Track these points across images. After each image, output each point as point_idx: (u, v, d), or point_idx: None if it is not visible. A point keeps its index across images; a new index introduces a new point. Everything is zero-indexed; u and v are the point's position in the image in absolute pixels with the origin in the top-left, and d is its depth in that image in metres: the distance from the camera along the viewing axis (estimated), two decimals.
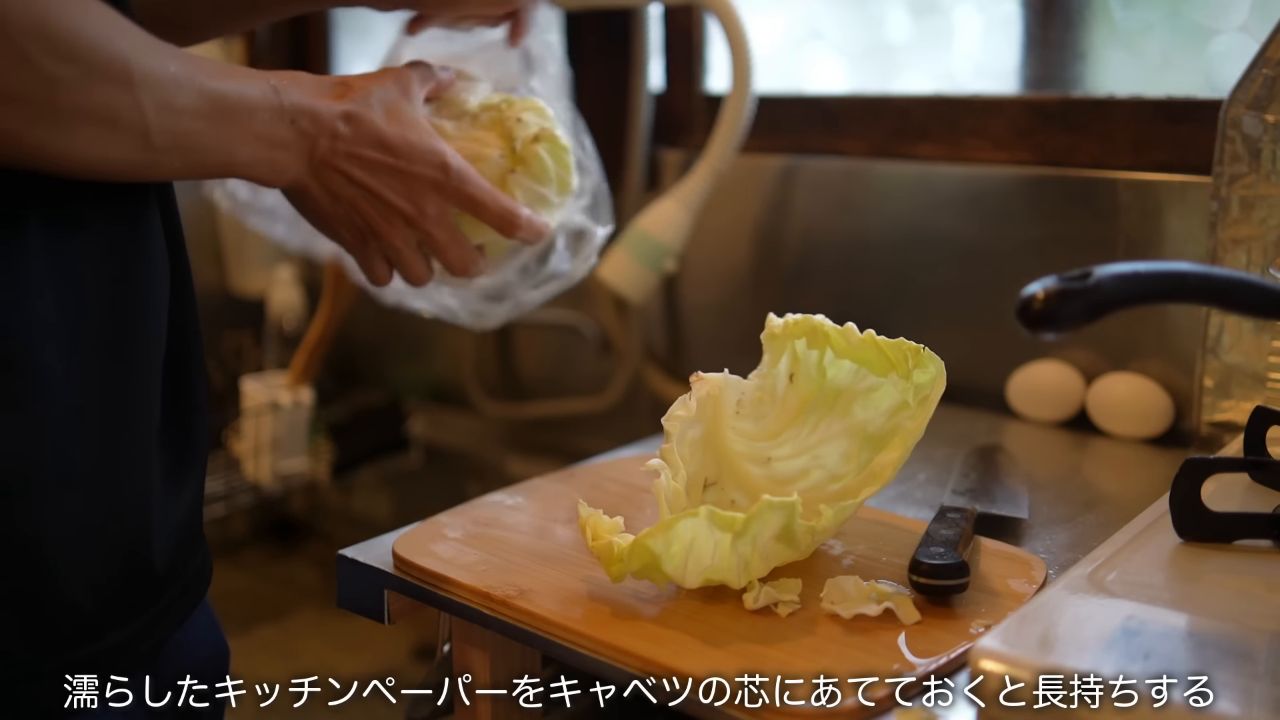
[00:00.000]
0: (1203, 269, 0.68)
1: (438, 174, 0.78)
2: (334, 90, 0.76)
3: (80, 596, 0.67)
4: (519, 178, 0.85)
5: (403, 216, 0.78)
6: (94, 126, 0.63)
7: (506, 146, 0.85)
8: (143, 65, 0.64)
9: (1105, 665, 0.58)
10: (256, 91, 0.71)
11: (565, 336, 1.49)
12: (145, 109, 0.64)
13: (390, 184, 0.77)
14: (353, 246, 0.81)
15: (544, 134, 0.86)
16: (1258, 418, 0.82)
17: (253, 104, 0.70)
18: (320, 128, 0.74)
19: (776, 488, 0.81)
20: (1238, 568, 0.70)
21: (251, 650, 1.42)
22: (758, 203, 1.30)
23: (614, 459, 0.99)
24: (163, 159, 0.67)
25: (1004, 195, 1.15)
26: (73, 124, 0.62)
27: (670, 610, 0.72)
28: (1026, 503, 0.90)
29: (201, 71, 0.67)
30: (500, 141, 0.85)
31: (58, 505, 0.66)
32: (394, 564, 0.81)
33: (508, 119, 0.86)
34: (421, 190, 0.78)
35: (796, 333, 0.82)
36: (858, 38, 1.39)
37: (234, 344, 1.70)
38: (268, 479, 1.45)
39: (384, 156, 0.76)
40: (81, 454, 0.67)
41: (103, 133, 0.63)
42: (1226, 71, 1.10)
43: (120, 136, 0.64)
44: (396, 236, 0.79)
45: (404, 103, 0.79)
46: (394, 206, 0.78)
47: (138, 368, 0.70)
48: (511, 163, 0.85)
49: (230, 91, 0.69)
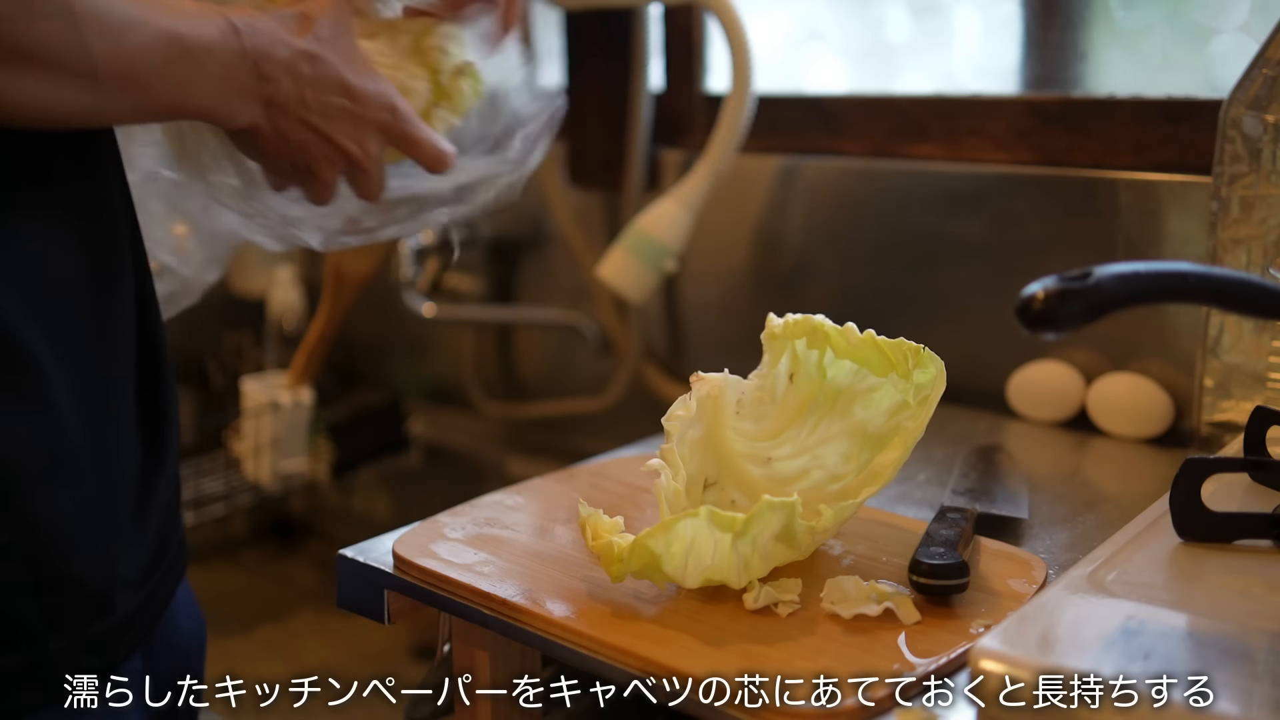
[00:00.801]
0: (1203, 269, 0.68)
1: (386, 116, 0.77)
2: (295, 25, 0.73)
3: (92, 572, 0.68)
4: (442, 112, 0.84)
5: (347, 158, 0.77)
6: (36, 67, 0.60)
7: (432, 79, 0.83)
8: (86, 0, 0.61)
9: (1105, 665, 0.58)
10: (215, 31, 0.67)
11: (565, 336, 1.49)
12: (92, 47, 0.61)
13: (343, 128, 0.75)
14: (281, 175, 0.78)
15: (466, 68, 0.84)
16: (1258, 418, 0.82)
17: (210, 44, 0.67)
18: (282, 70, 0.71)
19: (776, 488, 0.81)
20: (1238, 568, 0.70)
21: (251, 650, 1.42)
22: (758, 203, 1.30)
23: (614, 459, 0.99)
24: (112, 102, 0.64)
25: (1004, 195, 1.15)
26: (13, 64, 0.60)
27: (670, 610, 0.72)
28: (1026, 503, 0.90)
29: (154, 8, 0.64)
30: (425, 73, 0.83)
31: (65, 484, 0.66)
32: (394, 564, 0.81)
33: (430, 49, 0.84)
34: (369, 132, 0.77)
35: (796, 333, 0.82)
36: (858, 38, 1.39)
37: (234, 344, 1.70)
38: (268, 479, 1.45)
39: (342, 101, 0.75)
40: (82, 432, 0.67)
41: (47, 74, 0.61)
42: (1226, 71, 1.10)
43: (65, 78, 0.61)
44: (332, 173, 0.78)
45: (352, 36, 0.77)
46: (341, 149, 0.76)
47: (116, 342, 0.71)
48: (436, 97, 0.83)
49: (186, 31, 0.66)
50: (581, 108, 1.41)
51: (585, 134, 1.41)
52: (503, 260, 1.54)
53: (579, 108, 1.41)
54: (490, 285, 1.53)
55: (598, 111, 1.39)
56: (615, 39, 1.35)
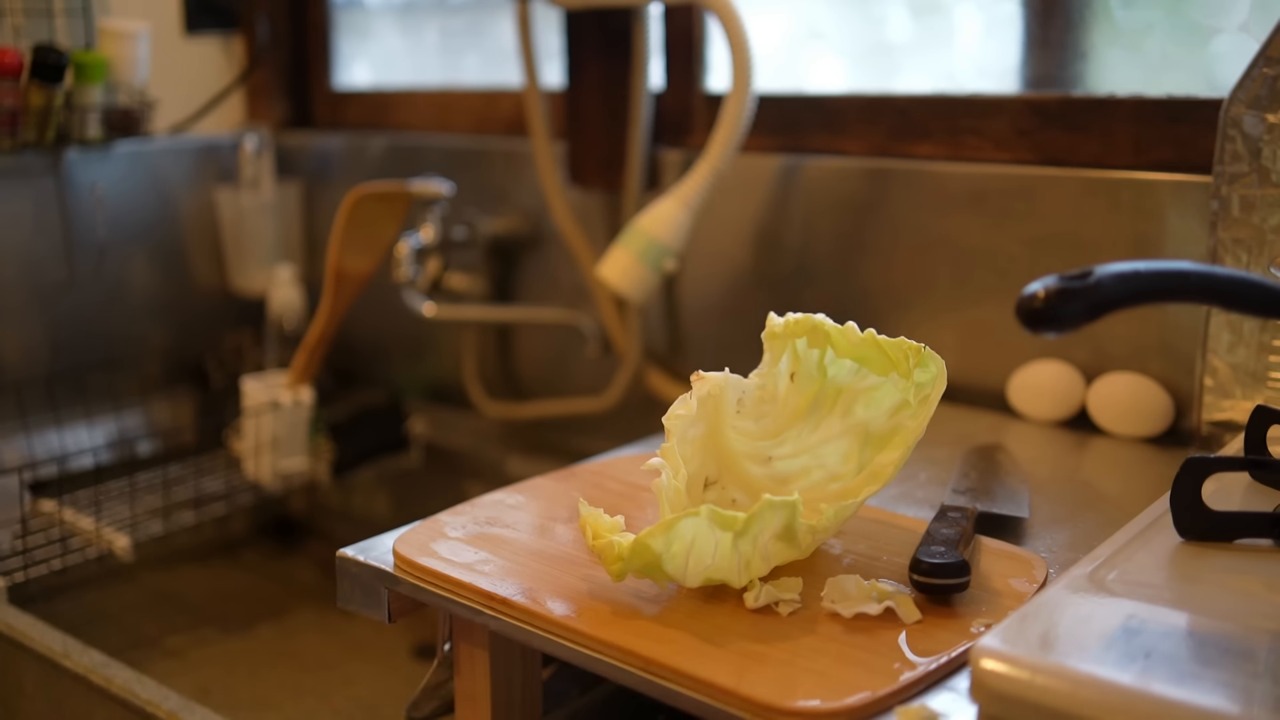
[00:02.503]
0: (1203, 268, 0.68)
1: None
2: None
3: None
4: None
5: None
6: None
7: None
8: None
9: (1106, 664, 0.58)
10: None
11: (565, 336, 1.49)
12: None
13: None
14: None
15: None
16: (1258, 417, 0.82)
17: None
18: None
19: (777, 487, 0.81)
20: (1238, 567, 0.70)
21: (252, 650, 1.42)
22: (758, 203, 1.30)
23: (614, 458, 0.99)
24: None
25: (1004, 195, 1.15)
26: None
27: (671, 609, 0.72)
28: (1027, 502, 0.90)
29: None
30: None
31: None
32: (394, 563, 0.81)
33: None
34: None
35: (797, 332, 0.82)
36: (858, 37, 1.39)
37: (234, 344, 1.70)
38: (268, 478, 1.45)
39: None
40: None
41: None
42: (1227, 71, 1.10)
43: None
44: None
45: None
46: None
47: None
48: None
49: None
50: (581, 108, 1.41)
51: (585, 134, 1.41)
52: (503, 260, 1.54)
53: (579, 108, 1.41)
54: (490, 285, 1.53)
55: (598, 111, 1.39)
56: (615, 39, 1.35)
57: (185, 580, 1.58)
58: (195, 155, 1.65)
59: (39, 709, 1.09)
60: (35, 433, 1.48)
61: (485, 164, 1.54)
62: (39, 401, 1.48)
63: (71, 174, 1.50)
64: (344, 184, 1.58)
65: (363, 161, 1.66)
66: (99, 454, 1.50)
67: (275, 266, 1.62)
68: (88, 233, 1.53)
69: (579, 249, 1.40)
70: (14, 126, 1.38)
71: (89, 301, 1.55)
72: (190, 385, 1.67)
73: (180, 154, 1.63)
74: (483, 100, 1.59)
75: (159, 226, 1.62)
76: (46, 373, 1.50)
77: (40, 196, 1.48)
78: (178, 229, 1.64)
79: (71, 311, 1.53)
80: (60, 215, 1.50)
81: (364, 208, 1.40)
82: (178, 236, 1.64)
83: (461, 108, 1.61)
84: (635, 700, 0.70)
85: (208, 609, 1.52)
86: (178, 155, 1.63)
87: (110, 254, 1.56)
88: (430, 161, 1.58)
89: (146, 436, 1.58)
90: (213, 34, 1.70)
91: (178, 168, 1.63)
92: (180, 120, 1.64)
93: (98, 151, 1.52)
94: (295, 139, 1.73)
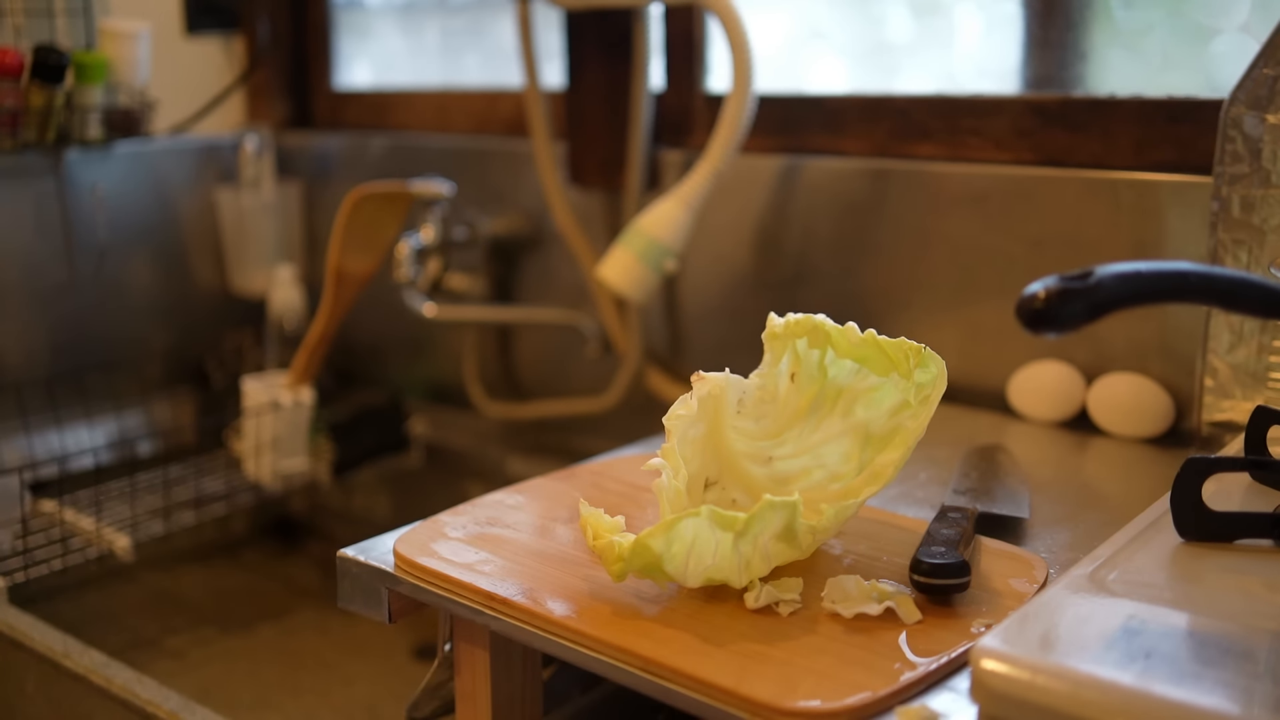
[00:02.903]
0: (1204, 269, 0.68)
1: None
2: None
3: None
4: None
5: None
6: None
7: None
8: None
9: (1106, 665, 0.58)
10: None
11: (565, 336, 1.49)
12: None
13: None
14: None
15: None
16: (1258, 417, 0.82)
17: None
18: None
19: (778, 487, 0.81)
20: (1238, 567, 0.70)
21: (252, 650, 1.42)
22: (758, 203, 1.30)
23: (615, 458, 0.99)
24: None
25: (1004, 195, 1.15)
26: None
27: (671, 610, 0.72)
28: (1027, 502, 0.90)
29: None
30: None
31: None
32: (395, 563, 0.81)
33: None
34: None
35: (798, 332, 0.82)
36: (858, 38, 1.39)
37: (234, 344, 1.70)
38: (268, 479, 1.45)
39: None
40: None
41: None
42: (1227, 71, 1.10)
43: None
44: None
45: None
46: None
47: None
48: None
49: None
50: (581, 108, 1.41)
51: (585, 134, 1.41)
52: (503, 260, 1.54)
53: (579, 108, 1.41)
54: (490, 285, 1.53)
55: (598, 111, 1.39)
56: (615, 39, 1.35)
57: (185, 580, 1.58)
58: (196, 155, 1.65)
59: (39, 709, 1.09)
60: (36, 433, 1.48)
61: (486, 164, 1.54)
62: (40, 401, 1.48)
63: (72, 174, 1.51)
64: (344, 184, 1.58)
65: (363, 162, 1.66)
66: (99, 454, 1.50)
67: (276, 267, 1.62)
68: (88, 233, 1.53)
69: (579, 249, 1.40)
70: (14, 127, 1.38)
71: (89, 301, 1.55)
72: (191, 385, 1.67)
73: (181, 154, 1.63)
74: (483, 100, 1.59)
75: (159, 227, 1.62)
76: (47, 372, 1.50)
77: (41, 197, 1.48)
78: (178, 229, 1.64)
79: (72, 311, 1.53)
80: (61, 216, 1.50)
81: (364, 208, 1.40)
82: (178, 237, 1.64)
83: (462, 108, 1.62)
84: (635, 700, 0.70)
85: (208, 609, 1.52)
86: (178, 155, 1.63)
87: (111, 254, 1.56)
88: (431, 162, 1.58)
89: (147, 436, 1.58)
90: (213, 34, 1.70)
91: (178, 168, 1.63)
92: (181, 120, 1.64)
93: (98, 152, 1.52)
94: (296, 139, 1.73)
